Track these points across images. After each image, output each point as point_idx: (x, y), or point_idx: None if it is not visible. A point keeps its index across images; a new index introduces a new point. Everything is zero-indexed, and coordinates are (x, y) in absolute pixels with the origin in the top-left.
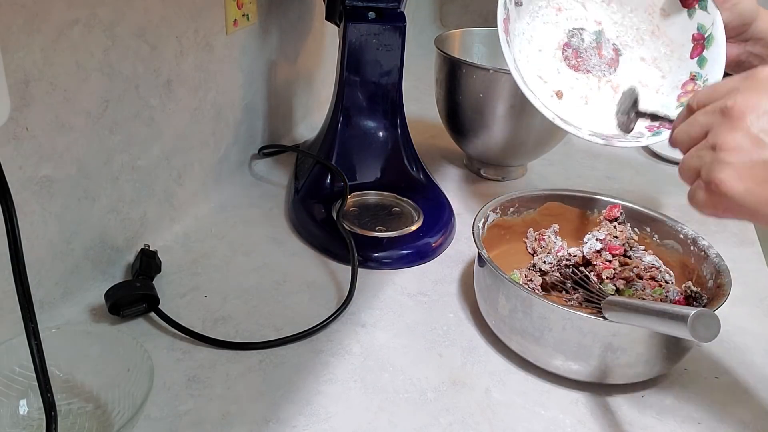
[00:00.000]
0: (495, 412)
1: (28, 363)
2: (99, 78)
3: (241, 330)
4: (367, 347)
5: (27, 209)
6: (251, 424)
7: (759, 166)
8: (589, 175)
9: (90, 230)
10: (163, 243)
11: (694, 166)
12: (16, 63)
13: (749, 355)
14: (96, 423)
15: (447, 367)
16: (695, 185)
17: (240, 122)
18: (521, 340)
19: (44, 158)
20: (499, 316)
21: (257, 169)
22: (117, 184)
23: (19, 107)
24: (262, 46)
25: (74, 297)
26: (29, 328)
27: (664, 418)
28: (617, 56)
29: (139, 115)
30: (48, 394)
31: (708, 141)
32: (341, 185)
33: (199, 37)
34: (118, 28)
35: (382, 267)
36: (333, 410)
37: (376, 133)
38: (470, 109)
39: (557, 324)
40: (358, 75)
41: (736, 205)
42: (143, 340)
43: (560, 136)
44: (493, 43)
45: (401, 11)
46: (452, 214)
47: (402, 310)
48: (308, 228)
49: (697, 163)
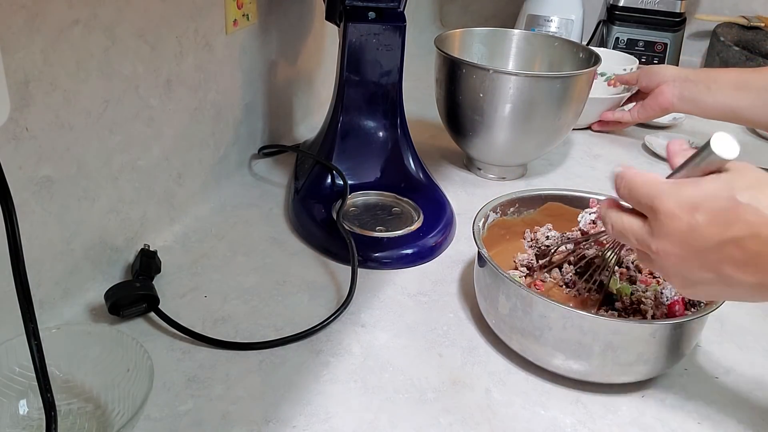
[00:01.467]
0: (495, 412)
1: (28, 363)
2: (99, 78)
3: (241, 330)
4: (367, 347)
5: (27, 209)
6: (251, 424)
7: (691, 287)
8: (589, 175)
9: (90, 230)
10: (163, 243)
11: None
12: (16, 63)
13: (749, 355)
14: (96, 423)
15: (447, 367)
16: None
17: (240, 122)
18: (521, 339)
19: (44, 158)
20: (499, 315)
21: (257, 169)
22: (117, 184)
23: (19, 107)
24: (262, 46)
25: (74, 297)
26: (29, 328)
27: (663, 418)
28: None
29: (139, 115)
30: (48, 394)
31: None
32: (341, 185)
33: (199, 37)
34: (118, 28)
35: (382, 267)
36: (333, 410)
37: (376, 133)
38: (470, 109)
39: (557, 323)
40: (358, 75)
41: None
42: (143, 340)
43: (560, 136)
44: (493, 43)
45: (401, 11)
46: (452, 214)
47: (402, 310)
48: (308, 228)
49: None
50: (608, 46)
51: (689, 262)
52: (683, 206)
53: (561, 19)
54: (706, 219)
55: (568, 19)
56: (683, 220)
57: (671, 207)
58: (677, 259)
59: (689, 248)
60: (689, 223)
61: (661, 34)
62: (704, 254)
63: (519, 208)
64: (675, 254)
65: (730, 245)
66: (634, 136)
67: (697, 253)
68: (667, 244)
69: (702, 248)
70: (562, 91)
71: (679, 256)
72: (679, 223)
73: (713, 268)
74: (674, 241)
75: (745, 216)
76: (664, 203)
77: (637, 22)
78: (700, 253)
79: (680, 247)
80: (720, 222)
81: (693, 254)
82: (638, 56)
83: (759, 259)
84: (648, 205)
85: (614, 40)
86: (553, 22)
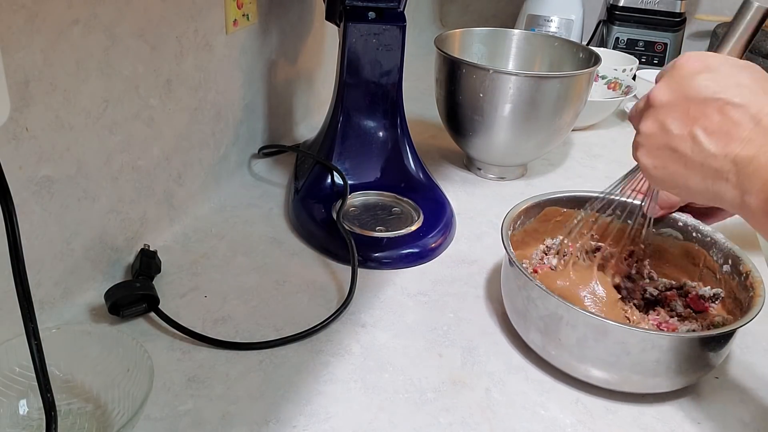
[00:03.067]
0: (495, 412)
1: (28, 363)
2: (99, 78)
3: (241, 330)
4: (367, 347)
5: (27, 209)
6: (251, 424)
7: (661, 148)
8: (589, 175)
9: (90, 230)
10: (163, 243)
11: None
12: (16, 63)
13: (749, 355)
14: (96, 423)
15: (447, 367)
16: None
17: (240, 122)
18: (555, 350)
19: (44, 158)
20: (532, 324)
21: (257, 169)
22: (117, 184)
23: (19, 107)
24: (262, 46)
25: (74, 297)
26: (29, 328)
27: (663, 418)
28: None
29: (139, 115)
30: (48, 394)
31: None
32: (341, 185)
33: (198, 37)
34: (118, 28)
35: (382, 267)
36: (333, 410)
37: (376, 133)
38: (470, 109)
39: (591, 334)
40: (358, 75)
41: (650, 177)
42: (143, 340)
43: (560, 136)
44: (493, 43)
45: (401, 11)
46: (452, 214)
47: (402, 310)
48: (308, 228)
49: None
50: (608, 46)
51: (672, 107)
52: (701, 61)
53: (561, 19)
54: (711, 78)
55: (568, 19)
56: (692, 68)
57: (690, 56)
58: (664, 99)
59: (680, 94)
60: (693, 73)
61: (661, 34)
62: (688, 105)
63: (524, 220)
64: (665, 95)
65: (715, 106)
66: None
67: (683, 102)
68: (664, 85)
69: (690, 97)
70: (562, 91)
71: (668, 97)
72: (687, 70)
73: (688, 122)
74: (671, 84)
75: (748, 89)
76: (686, 54)
77: (637, 22)
78: (686, 102)
79: (672, 90)
80: (720, 84)
81: (678, 101)
82: (638, 56)
83: (732, 129)
84: (673, 62)
85: (614, 40)
86: (553, 22)
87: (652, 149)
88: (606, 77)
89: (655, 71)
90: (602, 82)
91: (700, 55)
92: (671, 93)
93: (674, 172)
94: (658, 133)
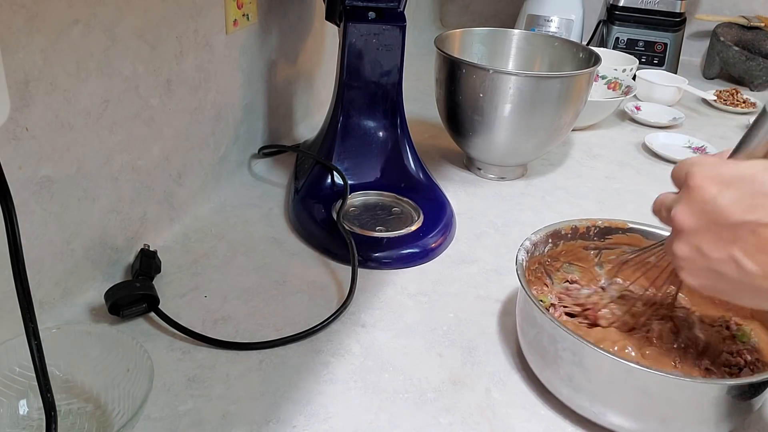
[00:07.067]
0: (495, 412)
1: (28, 363)
2: (99, 78)
3: (241, 330)
4: (367, 347)
5: (27, 209)
6: (251, 424)
7: (703, 270)
8: (589, 176)
9: (90, 230)
10: (163, 243)
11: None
12: (16, 63)
13: None
14: (96, 423)
15: (447, 367)
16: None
17: (240, 122)
18: (571, 392)
19: (44, 158)
20: (549, 366)
21: (257, 169)
22: (117, 184)
23: (19, 107)
24: (262, 46)
25: (74, 297)
26: (29, 328)
27: None
28: None
29: (139, 115)
30: (48, 394)
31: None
32: (341, 185)
33: (199, 37)
34: (118, 28)
35: (382, 267)
36: (333, 410)
37: (376, 133)
38: (470, 109)
39: (611, 376)
40: (358, 75)
41: (697, 290)
42: (143, 340)
43: (560, 136)
44: (493, 43)
45: (401, 11)
46: (452, 214)
47: (402, 310)
48: (308, 228)
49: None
50: (608, 46)
51: (703, 233)
52: (715, 180)
53: (561, 19)
54: (733, 197)
55: (568, 19)
56: (710, 192)
57: (703, 177)
58: (692, 225)
59: (707, 220)
60: (714, 197)
61: (661, 34)
62: (720, 230)
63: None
64: (691, 221)
65: (748, 228)
66: (634, 136)
67: (713, 227)
68: (686, 210)
69: (719, 223)
70: (562, 91)
71: (696, 224)
72: (706, 194)
73: (725, 247)
74: (695, 210)
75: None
76: (698, 173)
77: (637, 22)
78: (717, 228)
79: (698, 217)
80: (745, 204)
81: (709, 226)
82: (638, 56)
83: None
84: (685, 173)
85: (614, 40)
86: (553, 22)
87: (694, 271)
88: (606, 77)
89: (655, 71)
90: (602, 82)
91: (711, 173)
92: (697, 219)
93: (723, 291)
94: (696, 257)
